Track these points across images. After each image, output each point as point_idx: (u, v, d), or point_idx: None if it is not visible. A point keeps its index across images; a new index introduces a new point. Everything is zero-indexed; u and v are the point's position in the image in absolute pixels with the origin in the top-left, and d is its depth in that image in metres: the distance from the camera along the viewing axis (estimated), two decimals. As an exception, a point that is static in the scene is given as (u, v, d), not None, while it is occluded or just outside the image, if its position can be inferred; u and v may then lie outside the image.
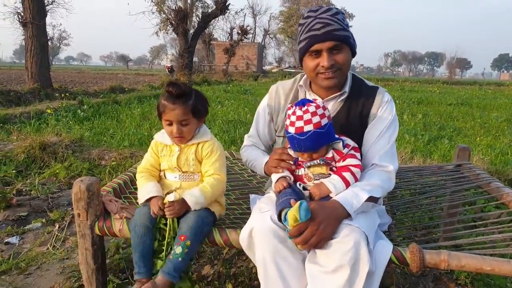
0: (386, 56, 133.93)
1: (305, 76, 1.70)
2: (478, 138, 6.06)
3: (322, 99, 1.62)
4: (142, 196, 1.59)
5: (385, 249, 1.38)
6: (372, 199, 1.41)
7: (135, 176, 2.09)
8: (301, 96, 1.70)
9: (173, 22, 19.62)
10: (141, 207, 1.60)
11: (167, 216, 1.51)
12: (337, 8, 1.52)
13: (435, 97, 13.99)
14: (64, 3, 18.86)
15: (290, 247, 1.34)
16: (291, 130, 1.39)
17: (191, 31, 21.12)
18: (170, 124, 1.56)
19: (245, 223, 1.44)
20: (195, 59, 32.55)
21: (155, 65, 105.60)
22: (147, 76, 26.24)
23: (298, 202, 1.25)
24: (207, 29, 27.92)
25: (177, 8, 19.87)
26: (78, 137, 4.65)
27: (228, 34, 28.71)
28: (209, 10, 21.22)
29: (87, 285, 1.73)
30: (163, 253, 1.51)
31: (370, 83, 1.68)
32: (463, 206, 2.13)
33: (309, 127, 1.36)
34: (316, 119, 1.36)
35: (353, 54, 1.57)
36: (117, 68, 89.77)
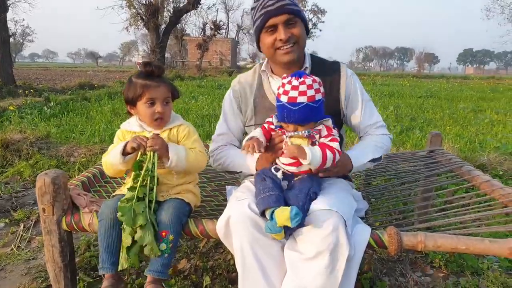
0: (357, 51, 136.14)
1: (265, 61, 1.71)
2: (448, 127, 6.24)
3: None
4: (117, 148, 1.50)
5: (363, 233, 1.37)
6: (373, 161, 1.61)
7: (100, 174, 2.01)
8: (265, 82, 1.71)
9: (144, 17, 19.17)
10: (110, 199, 1.53)
11: (147, 149, 1.45)
12: None
13: (405, 90, 14.33)
14: (27, -3, 18.08)
15: (268, 234, 1.31)
16: (283, 99, 1.36)
17: (163, 26, 20.72)
18: (153, 103, 1.51)
19: (221, 214, 1.39)
20: (167, 55, 31.99)
21: (126, 61, 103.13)
22: (117, 73, 25.55)
23: (289, 209, 1.19)
24: (179, 24, 27.50)
25: (147, 2, 19.42)
26: (45, 134, 4.44)
27: (201, 30, 28.38)
28: (181, 5, 20.87)
29: (55, 284, 1.64)
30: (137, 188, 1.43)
31: (329, 60, 1.75)
32: (436, 190, 2.16)
33: (302, 99, 1.33)
34: (311, 92, 1.35)
35: (307, 31, 1.60)
36: (86, 65, 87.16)
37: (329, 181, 1.55)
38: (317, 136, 1.40)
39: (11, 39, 10.84)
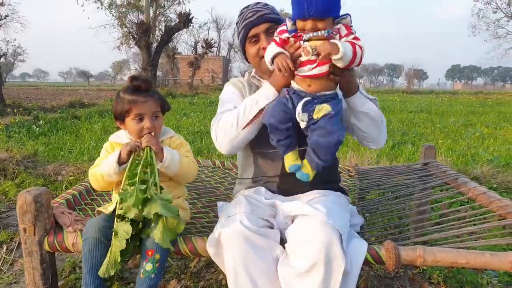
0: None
1: (253, 70, 1.72)
2: (440, 141, 6.26)
3: None
4: (112, 156, 1.46)
5: (360, 247, 1.32)
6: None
7: (91, 187, 1.94)
8: (257, 86, 1.66)
9: (135, 36, 19.24)
10: (95, 218, 1.46)
11: (144, 144, 1.43)
12: (266, 3, 1.62)
13: (396, 105, 14.48)
14: (19, 17, 18.10)
15: (261, 250, 1.25)
16: None
17: (154, 44, 20.81)
18: (141, 119, 1.48)
19: (212, 231, 1.33)
20: (159, 73, 32.08)
21: (117, 80, 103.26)
22: (109, 91, 25.46)
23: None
24: (171, 43, 27.67)
25: (139, 21, 19.53)
26: (32, 152, 4.34)
27: (192, 48, 28.50)
28: (173, 23, 21.03)
29: (36, 309, 1.55)
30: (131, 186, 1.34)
31: None
32: (431, 203, 2.12)
33: None
34: None
35: None
36: (77, 84, 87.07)
37: (325, 195, 1.51)
38: (336, 37, 1.27)
39: (2, 59, 10.79)
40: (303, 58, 1.29)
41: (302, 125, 1.32)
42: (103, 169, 1.47)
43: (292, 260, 1.22)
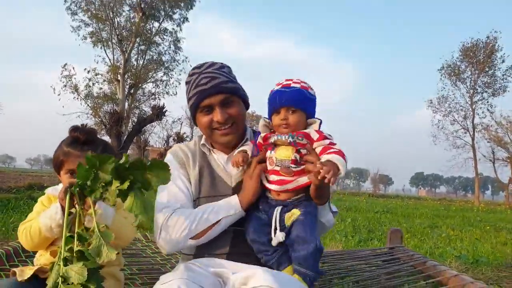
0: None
1: (203, 136, 1.56)
2: (407, 239, 6.16)
3: (227, 154, 1.50)
4: (55, 207, 1.25)
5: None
6: None
7: (14, 251, 1.69)
8: (207, 155, 1.53)
9: (107, 125, 19.43)
10: (2, 279, 1.20)
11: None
12: (222, 63, 1.49)
13: (362, 205, 14.60)
14: (-8, 104, 18.07)
15: None
16: (277, 88, 1.36)
17: (126, 134, 20.99)
18: (73, 175, 1.34)
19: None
20: (128, 163, 31.65)
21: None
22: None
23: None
24: (143, 135, 28.05)
25: (112, 111, 19.93)
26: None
27: (164, 141, 28.93)
28: (146, 115, 21.55)
29: None
30: None
31: None
32: (401, 287, 1.93)
33: (296, 85, 1.34)
34: (305, 85, 1.36)
35: (246, 106, 1.52)
36: (44, 171, 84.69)
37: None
38: (304, 141, 1.28)
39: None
40: (269, 167, 1.32)
41: (275, 242, 1.28)
42: (43, 222, 1.27)
43: None
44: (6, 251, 1.70)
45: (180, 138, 25.93)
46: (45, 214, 1.29)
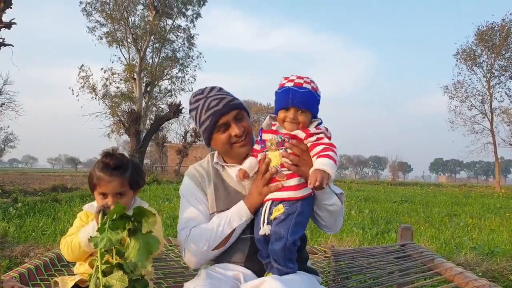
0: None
1: (215, 154, 1.69)
2: (422, 228, 6.20)
3: (240, 165, 1.59)
4: (92, 225, 1.43)
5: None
6: None
7: (50, 261, 1.85)
8: (220, 171, 1.67)
9: (125, 124, 19.83)
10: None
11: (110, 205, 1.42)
12: (217, 86, 1.63)
13: (380, 195, 14.57)
14: (15, 105, 18.73)
15: None
16: (289, 84, 1.42)
17: (144, 132, 21.38)
18: (105, 196, 1.49)
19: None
20: (148, 161, 32.27)
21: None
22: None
23: None
24: (161, 132, 28.43)
25: (130, 110, 20.32)
26: (1, 233, 4.16)
27: (182, 137, 29.33)
28: (163, 113, 21.91)
29: None
30: None
31: None
32: (412, 283, 2.03)
33: (307, 86, 1.42)
34: (314, 85, 1.45)
35: (249, 116, 1.67)
36: (64, 170, 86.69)
37: (292, 276, 1.44)
38: (291, 141, 1.40)
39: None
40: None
41: (261, 232, 1.41)
42: (82, 237, 1.44)
43: None
44: (43, 262, 1.86)
45: (197, 134, 26.20)
46: (84, 230, 1.45)
